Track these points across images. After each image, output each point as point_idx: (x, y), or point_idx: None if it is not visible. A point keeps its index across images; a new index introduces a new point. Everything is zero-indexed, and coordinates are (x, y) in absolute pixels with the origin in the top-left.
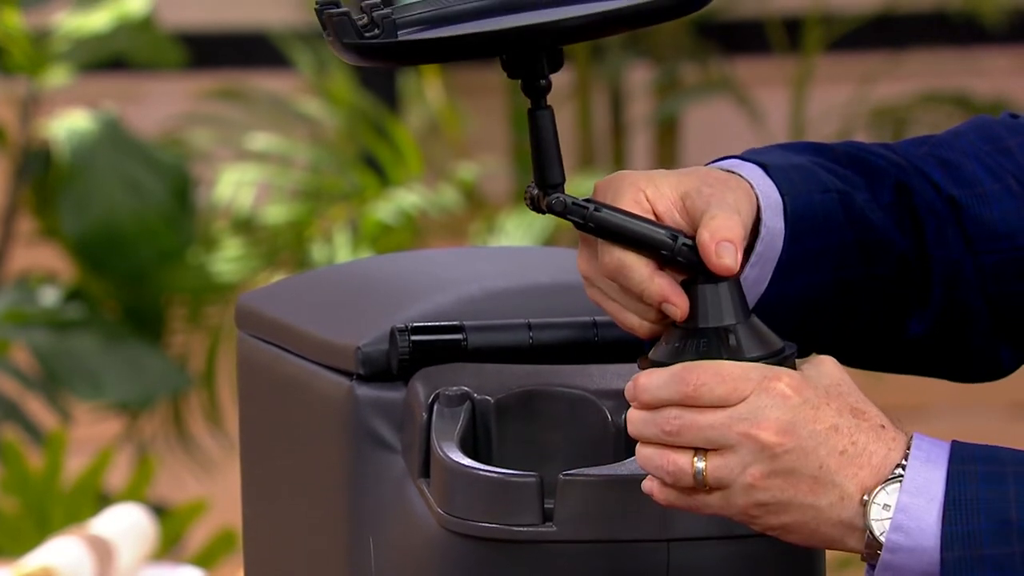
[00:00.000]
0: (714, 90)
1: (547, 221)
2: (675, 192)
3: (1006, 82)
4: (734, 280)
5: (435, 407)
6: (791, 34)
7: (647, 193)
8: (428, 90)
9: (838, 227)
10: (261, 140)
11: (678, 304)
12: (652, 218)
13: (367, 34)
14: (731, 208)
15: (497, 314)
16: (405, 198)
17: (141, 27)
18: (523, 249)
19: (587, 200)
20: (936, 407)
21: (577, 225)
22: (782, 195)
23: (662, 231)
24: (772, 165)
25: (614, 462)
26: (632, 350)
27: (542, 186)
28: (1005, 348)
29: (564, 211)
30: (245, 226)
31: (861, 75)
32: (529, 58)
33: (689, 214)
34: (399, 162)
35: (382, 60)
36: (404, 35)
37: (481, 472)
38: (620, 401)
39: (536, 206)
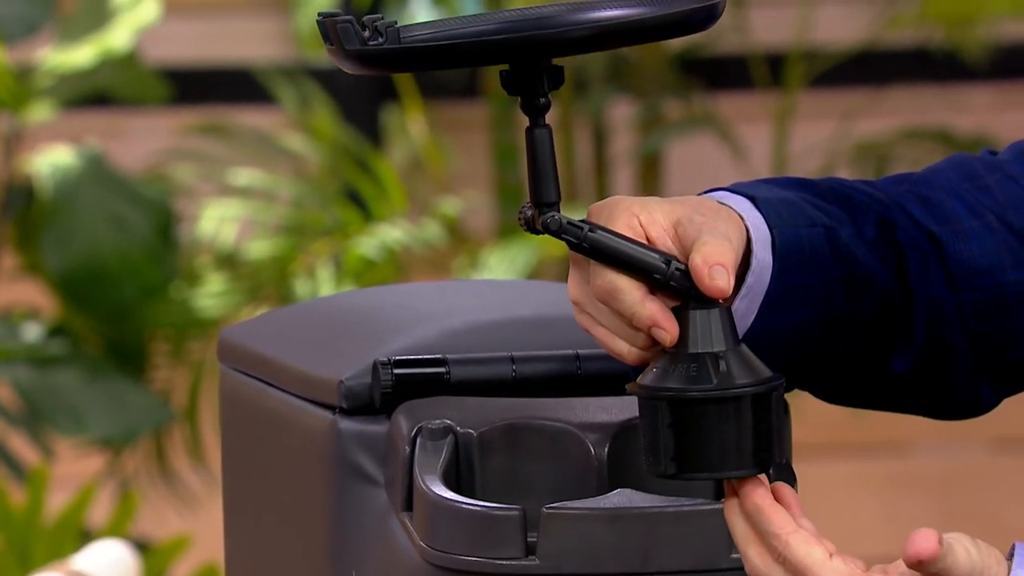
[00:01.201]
0: (697, 125)
1: (530, 256)
2: (668, 219)
3: (988, 118)
4: (725, 308)
5: (418, 440)
6: (773, 70)
7: (641, 219)
8: (411, 126)
9: (824, 262)
10: (244, 175)
11: (668, 329)
12: (645, 243)
13: (371, 42)
14: (723, 235)
15: (480, 347)
16: (388, 233)
17: (125, 63)
18: (505, 282)
19: (582, 221)
20: (920, 443)
21: (571, 245)
22: (770, 228)
23: (656, 255)
24: (760, 198)
25: (597, 495)
26: (615, 383)
27: (538, 204)
28: (986, 385)
29: (559, 230)
30: (228, 261)
31: (843, 111)
32: (529, 74)
33: (681, 241)
34: (382, 197)
35: (384, 67)
36: (408, 43)
37: (464, 505)
38: (603, 434)
39: (531, 226)
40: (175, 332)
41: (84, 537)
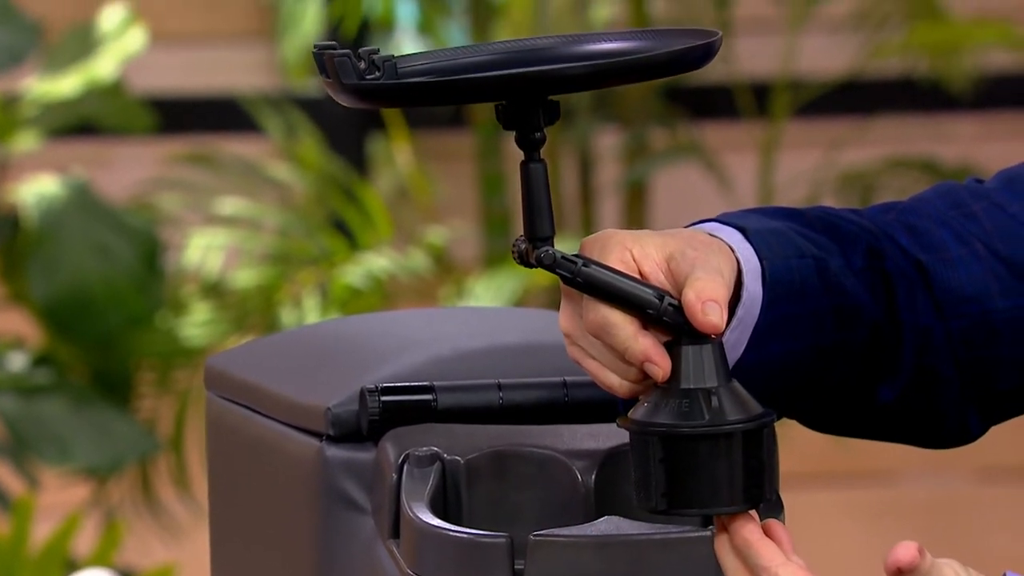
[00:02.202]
0: (682, 155)
1: (516, 285)
2: (661, 253)
3: (973, 148)
4: (717, 343)
5: (405, 467)
6: (759, 99)
7: (633, 252)
8: (397, 154)
9: (814, 293)
10: (230, 204)
11: (661, 364)
12: (638, 277)
13: (368, 76)
14: (715, 270)
15: (467, 374)
16: (374, 262)
17: (110, 92)
18: (493, 310)
19: (576, 255)
20: (905, 472)
21: (565, 279)
22: (760, 260)
23: (649, 290)
24: (751, 229)
25: (584, 522)
26: (602, 410)
27: (532, 239)
28: (973, 414)
29: (553, 264)
30: (214, 290)
31: (829, 140)
32: (525, 109)
33: (674, 276)
34: (368, 226)
35: (380, 102)
36: (405, 78)
37: (451, 533)
38: (590, 461)
39: (524, 260)
40: (161, 361)
41: (69, 567)
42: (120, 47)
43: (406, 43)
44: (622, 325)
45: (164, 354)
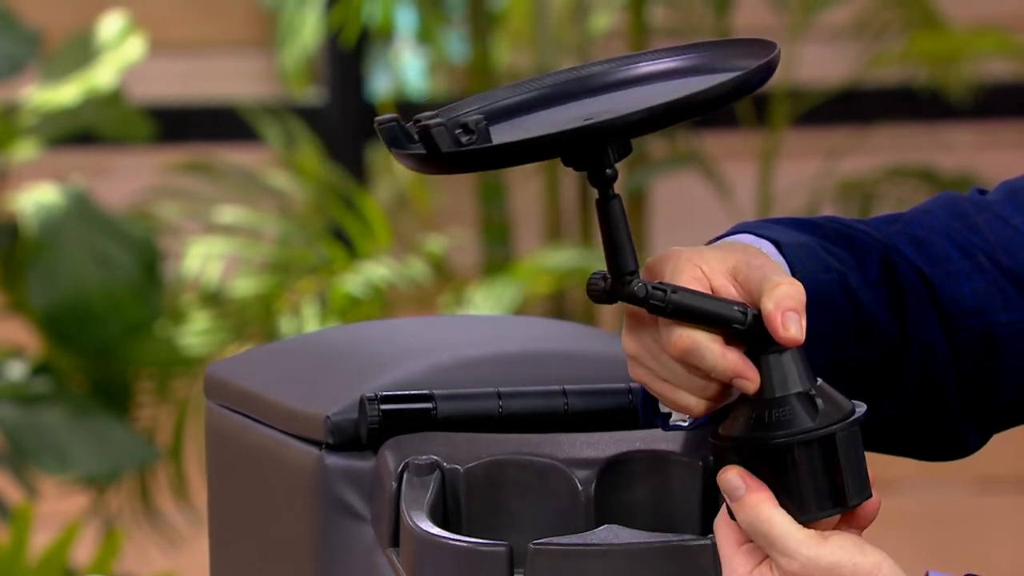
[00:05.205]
0: (682, 163)
1: (515, 293)
2: (725, 266)
3: (972, 157)
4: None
5: (404, 476)
6: (758, 108)
7: (703, 269)
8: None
9: (836, 308)
10: (229, 213)
11: (751, 378)
12: (710, 292)
13: (464, 139)
14: (787, 275)
15: (467, 383)
16: (374, 271)
17: (109, 101)
18: (492, 318)
19: (660, 284)
20: (903, 481)
21: (654, 308)
22: (793, 274)
23: (734, 307)
24: (784, 243)
25: (584, 531)
26: (601, 419)
27: (618, 274)
28: (973, 426)
29: (646, 296)
30: (213, 299)
31: (828, 149)
32: (598, 150)
33: (743, 286)
34: (368, 235)
35: (478, 166)
36: (496, 133)
37: (450, 541)
38: (590, 470)
39: (609, 295)
40: (160, 370)
41: None
42: (119, 56)
43: (406, 52)
44: (709, 346)
45: (163, 363)
